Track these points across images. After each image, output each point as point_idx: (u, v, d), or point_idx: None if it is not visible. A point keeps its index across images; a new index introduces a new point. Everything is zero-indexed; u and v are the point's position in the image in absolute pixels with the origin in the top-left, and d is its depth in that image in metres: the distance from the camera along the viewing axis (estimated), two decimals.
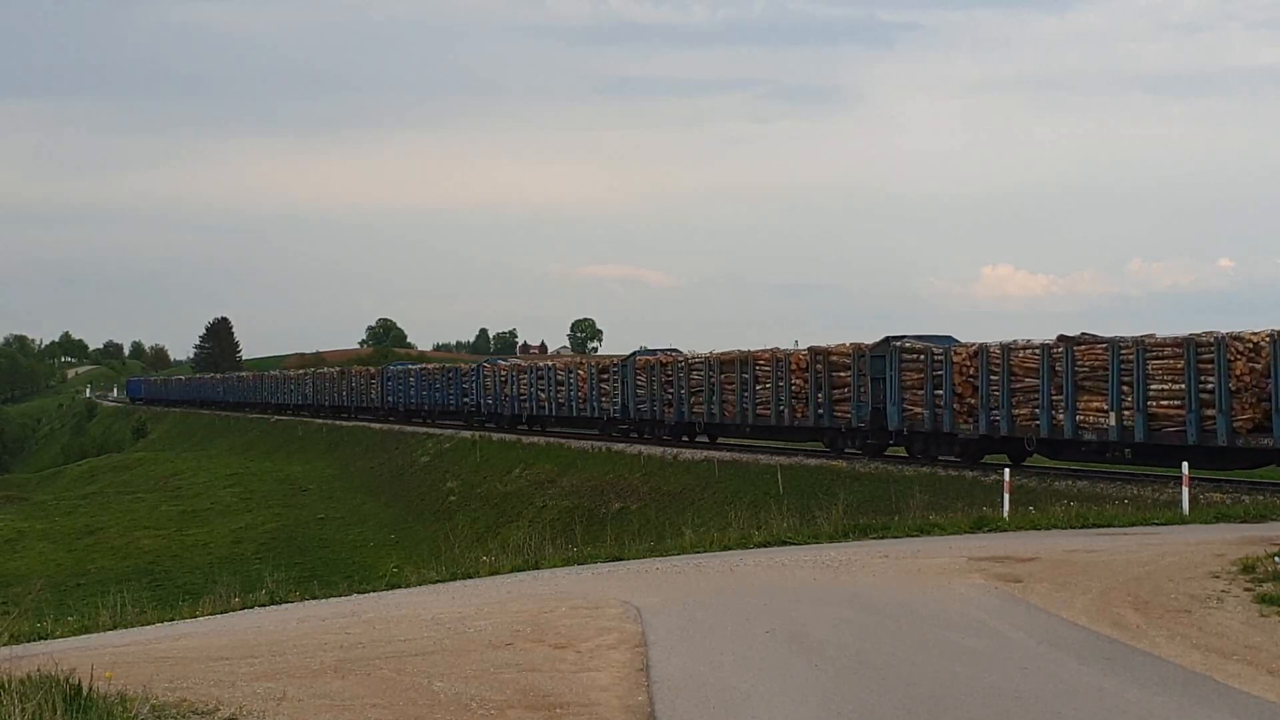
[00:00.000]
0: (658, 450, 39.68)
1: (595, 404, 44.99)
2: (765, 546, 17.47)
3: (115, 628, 15.00)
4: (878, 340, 31.85)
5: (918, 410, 29.86)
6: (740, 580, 13.72)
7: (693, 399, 38.74)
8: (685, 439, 40.59)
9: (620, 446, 41.93)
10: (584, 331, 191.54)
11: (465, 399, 56.59)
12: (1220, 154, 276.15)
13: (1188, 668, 9.22)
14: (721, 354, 37.87)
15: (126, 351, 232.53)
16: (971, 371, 28.46)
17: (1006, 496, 20.94)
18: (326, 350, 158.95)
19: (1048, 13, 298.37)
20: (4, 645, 10.09)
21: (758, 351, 36.06)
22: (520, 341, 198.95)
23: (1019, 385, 27.19)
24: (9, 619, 14.72)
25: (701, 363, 38.58)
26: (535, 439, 48.64)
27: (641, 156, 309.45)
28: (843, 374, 32.47)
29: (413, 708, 8.02)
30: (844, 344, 33.13)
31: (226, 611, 15.57)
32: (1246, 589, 11.73)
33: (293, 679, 8.76)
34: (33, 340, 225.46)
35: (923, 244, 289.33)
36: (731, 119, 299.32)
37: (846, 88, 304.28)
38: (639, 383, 41.77)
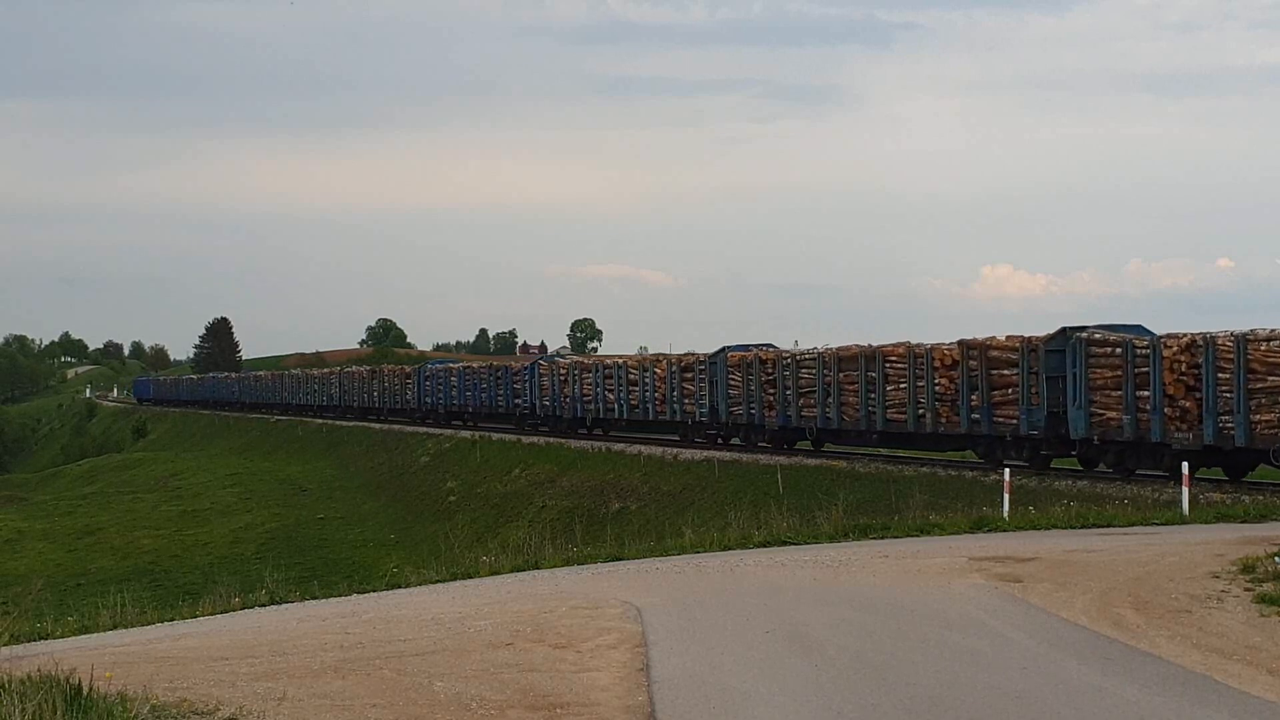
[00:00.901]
0: (657, 450, 39.69)
1: (677, 406, 39.91)
2: (765, 546, 17.47)
3: (115, 628, 15.00)
4: (1052, 332, 27.27)
5: (1112, 415, 25.09)
6: (740, 580, 13.72)
7: (801, 400, 33.80)
8: (786, 446, 35.75)
9: (620, 446, 41.93)
10: (584, 331, 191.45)
11: (517, 400, 51.52)
12: (1219, 154, 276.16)
13: (1188, 668, 9.22)
14: (841, 349, 33.05)
15: (126, 351, 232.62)
16: (1185, 368, 23.97)
17: (1006, 496, 20.95)
18: (326, 350, 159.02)
19: (1046, 13, 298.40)
20: (4, 645, 10.09)
21: (889, 346, 31.36)
22: (520, 341, 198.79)
23: (1260, 385, 22.55)
24: (9, 619, 14.71)
25: (813, 359, 33.69)
26: (535, 439, 48.64)
27: (641, 156, 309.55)
28: (1005, 372, 27.80)
29: (413, 708, 8.02)
30: (1003, 336, 28.71)
31: (226, 611, 15.57)
32: (1246, 589, 11.73)
33: (293, 679, 8.76)
34: (33, 340, 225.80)
35: (922, 244, 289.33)
36: (730, 119, 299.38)
37: (845, 88, 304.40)
38: (732, 382, 36.75)
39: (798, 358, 34.43)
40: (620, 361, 44.68)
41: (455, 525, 40.79)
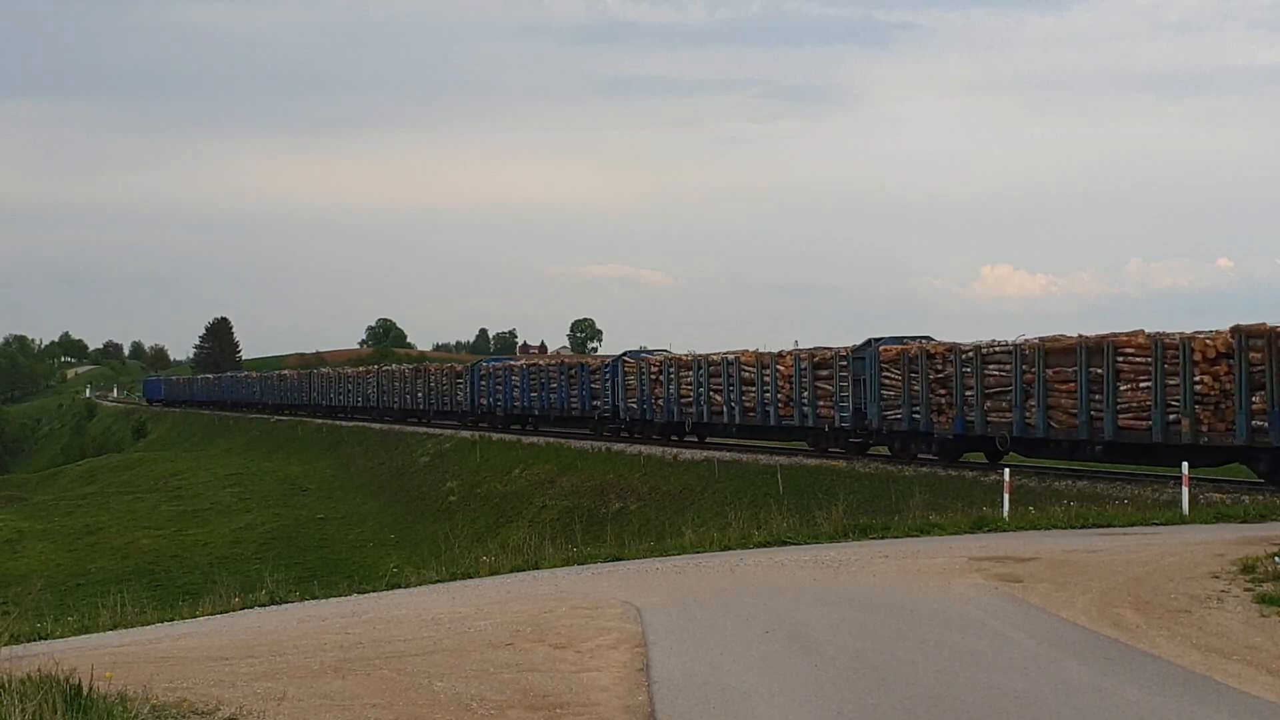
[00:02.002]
0: (657, 450, 39.67)
1: (809, 409, 33.79)
2: (765, 546, 17.47)
3: (115, 628, 15.01)
4: None
5: None
6: (740, 580, 13.72)
7: (986, 402, 28.01)
8: (955, 459, 30.26)
9: (620, 446, 41.93)
10: (584, 331, 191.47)
11: (596, 401, 45.50)
12: (1219, 154, 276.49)
13: (1188, 668, 9.22)
14: (1048, 339, 27.17)
15: (126, 351, 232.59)
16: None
17: (1006, 496, 20.94)
18: (326, 350, 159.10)
19: (1044, 13, 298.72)
20: (4, 645, 10.08)
21: (1123, 335, 25.42)
22: (520, 341, 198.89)
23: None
24: (9, 619, 14.74)
25: (1005, 352, 27.79)
26: (535, 439, 48.61)
27: (641, 156, 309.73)
28: None
29: (413, 708, 8.02)
30: None
31: (226, 611, 15.58)
32: (1246, 589, 11.74)
33: (293, 679, 8.76)
34: (33, 340, 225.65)
35: (921, 244, 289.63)
36: (730, 119, 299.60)
37: (844, 88, 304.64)
38: (886, 380, 31.08)
39: (982, 351, 28.50)
40: (731, 357, 37.63)
41: (455, 525, 40.80)
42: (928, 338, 31.98)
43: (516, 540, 22.64)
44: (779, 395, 35.07)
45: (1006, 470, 22.60)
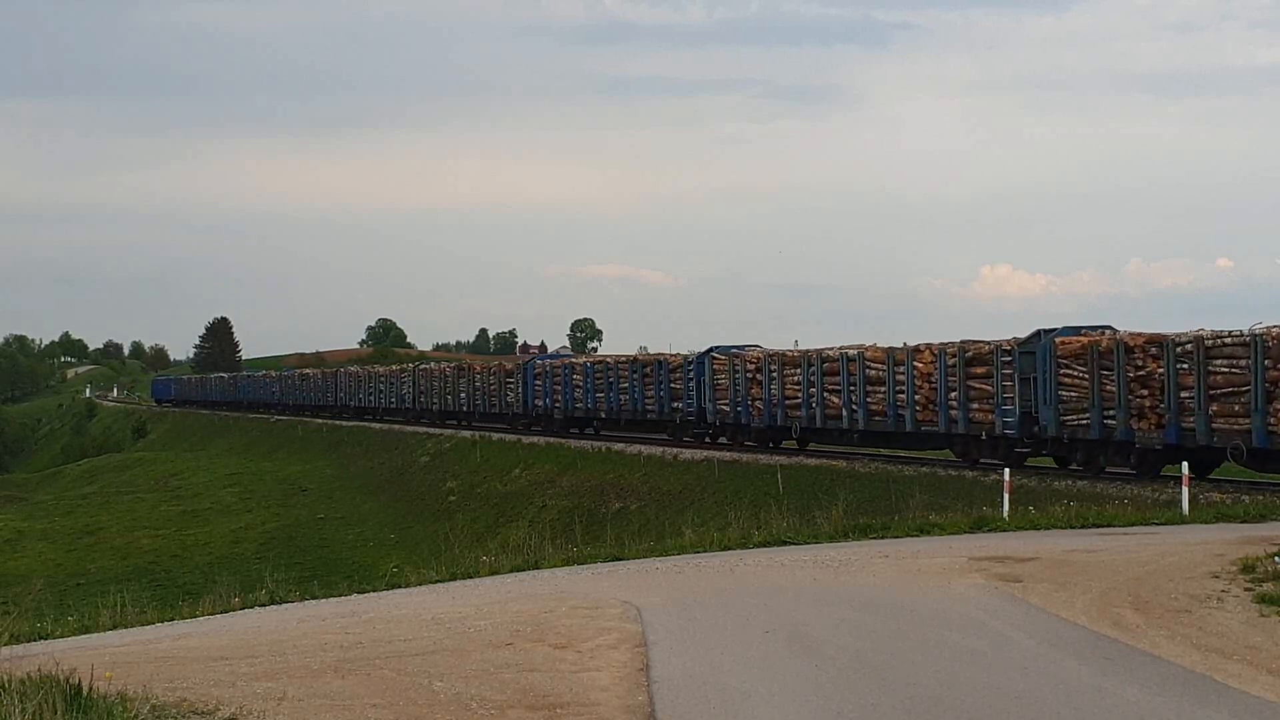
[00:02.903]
0: (657, 450, 39.66)
1: (958, 412, 28.99)
2: (765, 546, 17.47)
3: (115, 628, 15.00)
4: None
5: None
6: (740, 580, 13.72)
7: (1213, 405, 23.28)
8: (1157, 472, 25.45)
9: (620, 446, 41.92)
10: (584, 331, 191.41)
11: (677, 403, 40.24)
12: (1218, 154, 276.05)
13: (1188, 668, 9.22)
14: None
15: (126, 351, 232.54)
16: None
17: (1006, 496, 20.94)
18: (326, 350, 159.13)
19: (1043, 13, 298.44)
20: (4, 645, 10.08)
21: None
22: (520, 341, 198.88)
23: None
24: (9, 619, 14.71)
25: (1241, 345, 22.88)
26: (535, 439, 48.54)
27: (640, 156, 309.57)
28: None
29: (413, 708, 8.02)
30: None
31: (226, 611, 15.57)
32: (1246, 589, 11.74)
33: (293, 679, 8.76)
34: (33, 340, 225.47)
35: (921, 244, 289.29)
36: (729, 119, 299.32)
37: (843, 88, 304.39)
38: (1066, 378, 26.40)
39: (1206, 343, 23.47)
40: (853, 352, 32.89)
41: (455, 525, 40.78)
42: (1108, 328, 27.61)
43: (516, 540, 22.64)
44: (916, 397, 30.30)
45: (1007, 470, 22.61)
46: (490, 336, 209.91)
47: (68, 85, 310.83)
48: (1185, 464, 20.83)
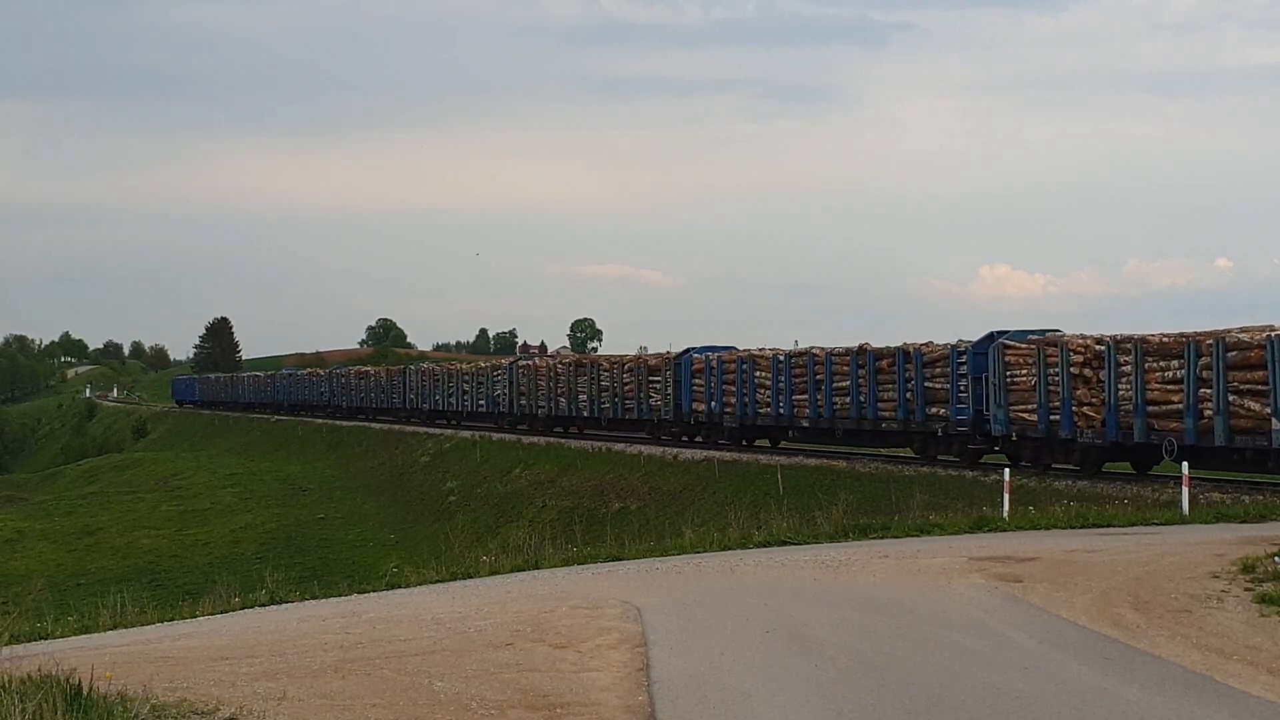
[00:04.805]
0: (658, 450, 39.64)
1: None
2: (765, 546, 17.46)
3: (115, 628, 14.99)
4: None
5: None
6: (740, 580, 13.72)
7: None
8: None
9: (620, 446, 41.90)
10: (584, 331, 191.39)
11: (935, 408, 29.91)
12: (1217, 154, 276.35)
13: (1188, 668, 9.22)
14: None
15: (126, 351, 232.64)
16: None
17: (1006, 496, 20.93)
18: (326, 350, 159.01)
19: (1041, 13, 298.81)
20: (4, 645, 10.08)
21: None
22: (520, 341, 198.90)
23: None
24: (9, 619, 14.72)
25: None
26: (535, 439, 48.51)
27: (639, 156, 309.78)
28: None
29: (413, 708, 8.02)
30: None
31: (226, 611, 15.57)
32: (1246, 589, 11.74)
33: (293, 679, 8.76)
34: (33, 340, 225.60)
35: (920, 244, 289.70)
36: (728, 119, 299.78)
37: (842, 88, 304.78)
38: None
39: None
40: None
41: (455, 525, 40.78)
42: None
43: (516, 540, 22.59)
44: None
45: (1006, 470, 22.61)
46: (490, 336, 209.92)
47: (68, 85, 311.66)
48: (1185, 464, 20.83)
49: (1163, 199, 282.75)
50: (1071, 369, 25.98)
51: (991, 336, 28.70)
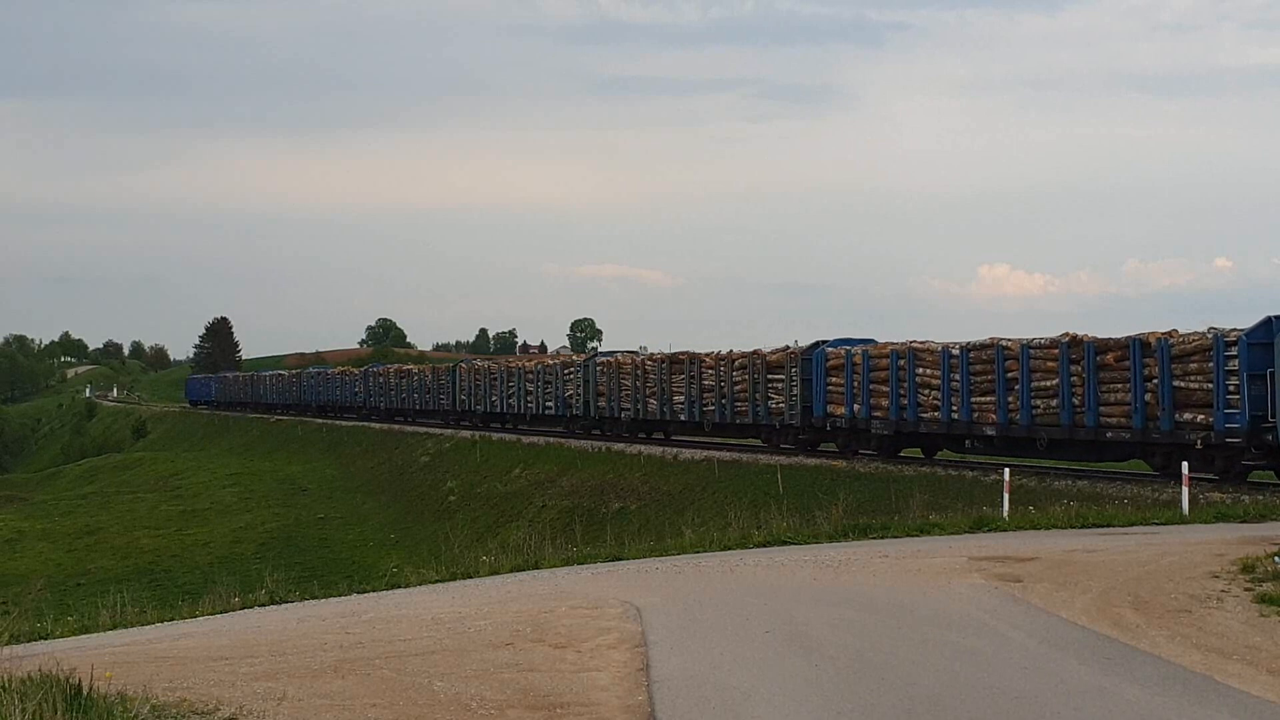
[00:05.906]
0: (658, 450, 39.65)
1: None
2: (765, 546, 17.46)
3: (115, 628, 15.00)
4: None
5: None
6: (740, 580, 13.72)
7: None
8: None
9: (620, 446, 41.90)
10: (583, 331, 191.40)
11: (1190, 415, 23.89)
12: (1216, 154, 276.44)
13: (1188, 668, 9.22)
14: None
15: (126, 351, 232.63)
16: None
17: (1006, 496, 20.94)
18: (326, 350, 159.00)
19: (1038, 13, 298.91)
20: (4, 645, 10.08)
21: None
22: (520, 341, 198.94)
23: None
24: (9, 619, 14.73)
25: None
26: (535, 439, 48.46)
27: (637, 156, 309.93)
28: None
29: (413, 707, 8.02)
30: None
31: (226, 611, 15.58)
32: (1246, 589, 11.74)
33: (293, 679, 8.76)
34: (32, 340, 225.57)
35: (919, 244, 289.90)
36: (726, 119, 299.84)
37: (839, 87, 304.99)
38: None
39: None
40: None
41: (455, 525, 40.76)
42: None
43: (516, 540, 22.59)
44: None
45: (1007, 470, 22.61)
46: (490, 336, 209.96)
47: (68, 85, 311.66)
48: (1185, 464, 20.82)
49: (1161, 199, 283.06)
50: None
51: (1269, 322, 22.76)
